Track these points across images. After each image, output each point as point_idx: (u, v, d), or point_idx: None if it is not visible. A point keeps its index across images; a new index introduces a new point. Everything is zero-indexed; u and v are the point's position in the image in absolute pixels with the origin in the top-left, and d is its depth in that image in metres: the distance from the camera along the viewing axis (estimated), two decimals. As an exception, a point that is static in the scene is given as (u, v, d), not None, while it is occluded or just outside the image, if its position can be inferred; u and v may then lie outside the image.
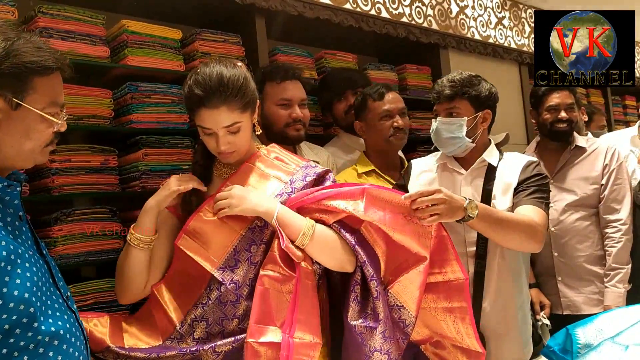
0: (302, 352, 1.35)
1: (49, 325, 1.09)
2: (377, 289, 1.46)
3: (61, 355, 1.10)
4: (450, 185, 1.93)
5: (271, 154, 1.65)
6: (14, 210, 1.13)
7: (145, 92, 2.14)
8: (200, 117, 1.49)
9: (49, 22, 1.96)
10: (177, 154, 2.18)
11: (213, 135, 1.50)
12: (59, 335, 1.10)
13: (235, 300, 1.45)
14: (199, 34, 2.31)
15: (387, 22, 2.95)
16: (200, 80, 1.47)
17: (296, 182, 1.56)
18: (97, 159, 2.03)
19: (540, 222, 1.75)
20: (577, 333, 1.49)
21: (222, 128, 1.48)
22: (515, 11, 3.87)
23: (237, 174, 1.58)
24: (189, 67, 2.30)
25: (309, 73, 2.76)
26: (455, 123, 1.89)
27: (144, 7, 2.34)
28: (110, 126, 2.11)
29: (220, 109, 1.46)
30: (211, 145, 1.53)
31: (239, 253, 1.47)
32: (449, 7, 3.35)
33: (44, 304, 1.10)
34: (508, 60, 3.72)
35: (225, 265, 1.47)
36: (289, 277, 1.41)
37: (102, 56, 2.07)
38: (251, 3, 2.38)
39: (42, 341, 1.07)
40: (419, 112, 3.16)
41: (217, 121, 1.48)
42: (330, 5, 2.70)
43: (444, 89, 1.92)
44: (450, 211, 1.54)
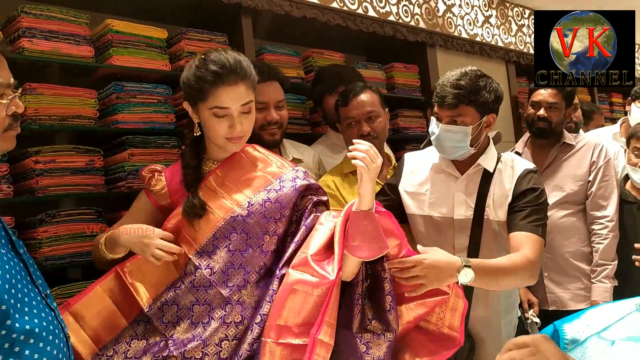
0: (320, 352, 1.35)
1: (24, 323, 1.07)
2: (391, 303, 1.48)
3: (38, 353, 1.09)
4: (444, 189, 1.87)
5: (261, 150, 1.65)
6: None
7: (130, 92, 2.12)
8: (217, 96, 1.47)
9: (32, 22, 1.94)
10: (163, 154, 2.17)
11: (226, 117, 1.49)
12: (34, 334, 1.09)
13: (208, 285, 1.46)
14: (184, 33, 2.30)
15: (375, 20, 2.95)
16: (216, 59, 1.47)
17: (285, 182, 1.56)
18: (82, 160, 2.02)
19: (535, 256, 1.67)
20: (564, 329, 1.48)
21: (240, 106, 1.49)
22: (502, 9, 3.89)
23: (228, 163, 1.58)
24: (175, 67, 2.28)
25: (296, 72, 2.75)
26: (459, 132, 1.76)
27: (130, 7, 2.32)
28: (96, 126, 2.10)
29: (239, 85, 1.48)
30: (222, 130, 1.50)
31: (218, 240, 1.48)
32: (436, 6, 3.35)
33: (19, 302, 1.09)
34: (495, 58, 3.74)
35: (202, 250, 1.48)
36: (321, 281, 1.40)
37: (86, 56, 2.05)
38: (237, 2, 2.36)
39: (17, 339, 1.05)
40: (407, 110, 3.17)
41: (237, 97, 1.48)
42: (317, 4, 2.69)
43: (447, 95, 1.74)
44: (437, 280, 1.47)
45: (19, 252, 1.18)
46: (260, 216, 1.50)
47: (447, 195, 1.86)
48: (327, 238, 1.46)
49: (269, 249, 1.51)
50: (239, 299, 1.45)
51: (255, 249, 1.49)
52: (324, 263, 1.43)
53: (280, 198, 1.53)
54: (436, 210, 1.86)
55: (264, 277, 1.50)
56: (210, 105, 1.48)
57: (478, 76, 1.78)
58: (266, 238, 1.50)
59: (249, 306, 1.46)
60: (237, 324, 1.44)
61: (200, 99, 1.50)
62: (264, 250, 1.50)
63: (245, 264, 1.47)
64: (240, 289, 1.46)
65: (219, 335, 1.42)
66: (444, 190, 1.87)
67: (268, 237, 1.51)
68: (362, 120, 2.04)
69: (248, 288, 1.47)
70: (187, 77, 1.52)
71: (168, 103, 2.24)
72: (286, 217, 1.53)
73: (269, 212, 1.51)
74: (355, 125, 2.05)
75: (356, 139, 1.90)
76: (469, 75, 1.77)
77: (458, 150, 1.81)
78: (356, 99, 2.06)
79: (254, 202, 1.51)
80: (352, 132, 2.05)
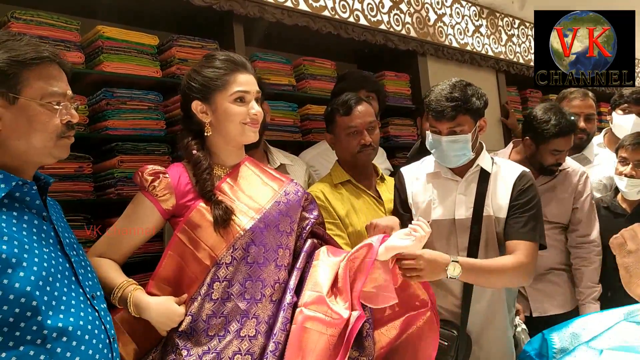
0: None
1: (57, 321, 1.11)
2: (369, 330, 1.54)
3: (71, 352, 1.12)
4: (446, 193, 1.93)
5: (256, 163, 1.67)
6: (37, 210, 1.19)
7: (120, 99, 2.12)
8: (238, 81, 1.54)
9: (22, 28, 1.93)
10: (153, 160, 2.16)
11: (245, 103, 1.54)
12: (67, 332, 1.12)
13: (226, 297, 1.45)
14: (176, 40, 2.30)
15: (366, 29, 2.97)
16: (223, 55, 1.58)
17: (290, 195, 1.60)
18: (71, 166, 2.01)
19: (529, 259, 1.78)
20: (552, 338, 1.49)
21: (256, 92, 1.57)
22: (492, 19, 3.92)
23: (236, 172, 1.59)
24: (166, 74, 2.28)
25: (288, 79, 2.76)
26: (462, 141, 1.84)
27: (121, 14, 2.32)
28: (85, 133, 2.09)
29: (250, 74, 1.58)
30: (242, 115, 1.54)
31: (237, 251, 1.47)
32: (427, 15, 3.38)
33: (54, 299, 1.12)
34: (485, 67, 3.76)
35: (222, 262, 1.46)
36: (337, 321, 1.42)
37: (76, 62, 2.04)
38: (229, 10, 2.37)
39: (48, 336, 1.09)
40: (398, 118, 3.18)
41: (253, 83, 1.57)
42: (309, 12, 2.70)
43: (445, 109, 1.81)
44: (431, 273, 1.60)
45: (67, 254, 1.22)
46: (275, 229, 1.53)
47: (450, 199, 1.93)
48: (333, 276, 1.51)
49: (283, 264, 1.52)
50: (255, 312, 1.46)
51: (270, 263, 1.50)
52: (337, 301, 1.47)
53: (289, 211, 1.58)
54: (441, 214, 1.92)
55: (277, 292, 1.51)
56: (233, 91, 1.53)
57: (465, 85, 1.87)
58: (280, 252, 1.53)
59: (262, 321, 1.46)
60: (250, 338, 1.44)
61: (220, 89, 1.53)
62: (278, 265, 1.52)
63: (263, 277, 1.48)
64: (256, 302, 1.46)
65: (232, 349, 1.42)
66: (446, 195, 1.93)
67: (282, 251, 1.53)
68: (363, 130, 2.04)
69: (263, 301, 1.47)
70: (195, 78, 1.55)
71: (159, 110, 2.24)
72: (294, 230, 1.58)
73: (282, 224, 1.55)
74: (357, 135, 2.04)
75: (356, 148, 2.01)
76: (458, 86, 1.85)
77: (461, 158, 1.88)
78: (358, 109, 2.05)
79: (268, 213, 1.53)
80: (352, 141, 2.04)
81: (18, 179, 1.16)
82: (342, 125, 2.05)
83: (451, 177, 1.94)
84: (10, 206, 1.14)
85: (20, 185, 1.17)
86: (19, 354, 1.05)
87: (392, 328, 1.62)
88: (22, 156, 1.19)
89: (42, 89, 1.18)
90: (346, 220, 1.96)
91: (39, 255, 1.13)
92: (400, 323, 1.62)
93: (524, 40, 4.18)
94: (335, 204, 1.98)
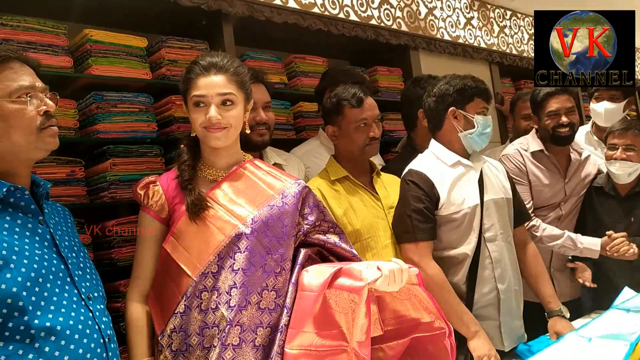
0: None
1: (45, 320, 1.13)
2: None
3: (59, 351, 1.13)
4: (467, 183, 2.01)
5: (261, 165, 1.64)
6: (32, 214, 1.22)
7: (111, 102, 2.11)
8: (196, 85, 1.51)
9: (9, 34, 1.92)
10: (146, 162, 2.16)
11: (204, 107, 1.51)
12: (55, 331, 1.13)
13: (214, 307, 1.42)
14: (165, 41, 2.30)
15: (356, 24, 2.96)
16: (202, 57, 1.55)
17: (288, 197, 1.55)
18: (63, 171, 2.00)
19: None
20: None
21: (217, 95, 1.50)
22: (483, 11, 3.92)
23: (230, 177, 1.57)
24: (156, 75, 2.28)
25: (279, 77, 2.76)
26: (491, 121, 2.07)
27: (108, 16, 2.31)
28: (76, 137, 2.08)
29: (218, 75, 1.52)
30: (200, 119, 1.50)
31: (223, 260, 1.45)
32: (417, 9, 3.37)
33: (43, 300, 1.14)
34: (478, 59, 3.76)
35: (207, 271, 1.44)
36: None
37: (65, 66, 2.04)
38: (218, 9, 2.36)
39: (36, 335, 1.11)
40: (391, 113, 3.18)
41: (213, 86, 1.50)
42: (298, 9, 2.70)
43: (487, 89, 2.04)
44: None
45: (63, 255, 1.24)
46: (263, 235, 1.48)
47: (469, 187, 2.01)
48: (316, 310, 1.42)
49: (271, 270, 1.47)
50: (239, 320, 1.41)
51: (257, 268, 1.45)
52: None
53: (283, 216, 1.52)
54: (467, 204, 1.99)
55: (265, 300, 1.45)
56: (191, 95, 1.52)
57: None
58: (268, 258, 1.47)
59: (247, 329, 1.41)
60: (234, 347, 1.39)
61: (186, 93, 1.55)
62: (266, 271, 1.47)
63: (248, 284, 1.43)
64: (241, 310, 1.41)
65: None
66: (467, 184, 2.01)
67: (270, 257, 1.48)
68: (372, 123, 2.02)
69: (248, 309, 1.42)
70: (182, 76, 1.58)
71: (150, 112, 2.23)
72: (291, 235, 1.53)
73: (271, 230, 1.50)
74: (366, 128, 2.01)
75: (365, 141, 2.01)
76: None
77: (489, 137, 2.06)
78: (367, 101, 2.03)
79: (257, 219, 1.49)
80: (361, 134, 2.01)
81: (10, 185, 1.18)
82: (352, 118, 2.00)
83: (468, 163, 2.04)
84: (2, 210, 1.17)
85: (13, 191, 1.19)
86: (8, 353, 1.08)
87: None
88: (9, 157, 1.21)
89: (7, 87, 1.20)
90: (344, 220, 1.94)
91: (29, 257, 1.15)
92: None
93: (516, 32, 4.18)
94: (332, 203, 1.95)
